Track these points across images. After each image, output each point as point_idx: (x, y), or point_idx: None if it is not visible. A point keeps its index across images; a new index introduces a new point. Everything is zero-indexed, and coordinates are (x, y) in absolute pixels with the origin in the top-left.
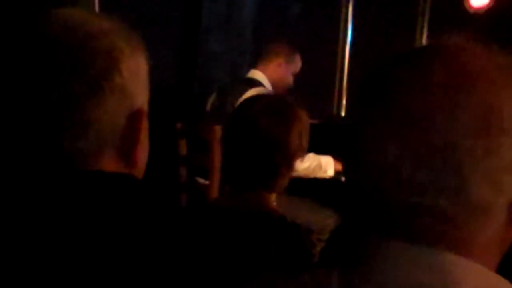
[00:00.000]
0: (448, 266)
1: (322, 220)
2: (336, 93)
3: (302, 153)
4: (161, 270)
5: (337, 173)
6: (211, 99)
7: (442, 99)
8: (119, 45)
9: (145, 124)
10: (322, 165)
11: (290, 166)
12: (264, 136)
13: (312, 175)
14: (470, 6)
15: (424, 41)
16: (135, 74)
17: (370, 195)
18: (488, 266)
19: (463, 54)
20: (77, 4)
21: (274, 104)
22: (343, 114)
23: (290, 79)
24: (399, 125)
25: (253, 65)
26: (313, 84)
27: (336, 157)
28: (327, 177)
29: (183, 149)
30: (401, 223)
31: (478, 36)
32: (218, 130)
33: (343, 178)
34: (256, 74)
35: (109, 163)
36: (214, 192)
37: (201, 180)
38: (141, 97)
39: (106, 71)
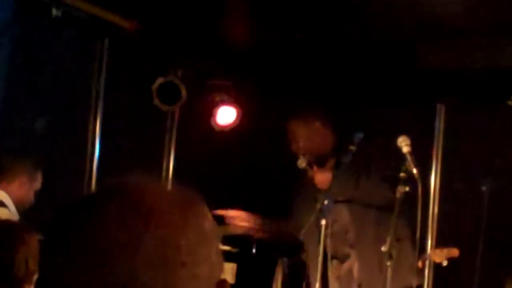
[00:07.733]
0: None
1: None
2: None
3: (32, 277)
4: None
5: None
6: None
7: (117, 237)
8: None
9: None
10: None
11: None
12: None
13: None
14: (217, 124)
15: (172, 157)
16: None
17: None
18: None
19: (137, 193)
20: None
21: None
22: None
23: (32, 197)
24: (81, 267)
25: None
26: (59, 204)
27: None
28: None
29: None
30: None
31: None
32: None
33: None
34: None
35: None
36: None
37: None
38: None
39: None
